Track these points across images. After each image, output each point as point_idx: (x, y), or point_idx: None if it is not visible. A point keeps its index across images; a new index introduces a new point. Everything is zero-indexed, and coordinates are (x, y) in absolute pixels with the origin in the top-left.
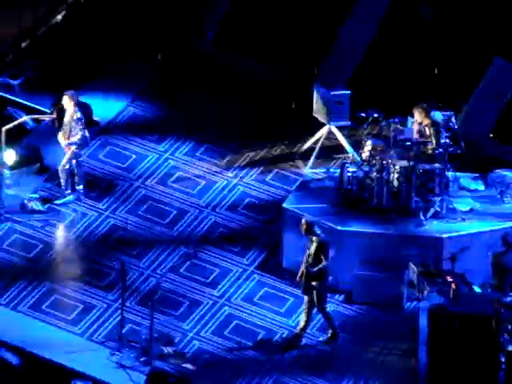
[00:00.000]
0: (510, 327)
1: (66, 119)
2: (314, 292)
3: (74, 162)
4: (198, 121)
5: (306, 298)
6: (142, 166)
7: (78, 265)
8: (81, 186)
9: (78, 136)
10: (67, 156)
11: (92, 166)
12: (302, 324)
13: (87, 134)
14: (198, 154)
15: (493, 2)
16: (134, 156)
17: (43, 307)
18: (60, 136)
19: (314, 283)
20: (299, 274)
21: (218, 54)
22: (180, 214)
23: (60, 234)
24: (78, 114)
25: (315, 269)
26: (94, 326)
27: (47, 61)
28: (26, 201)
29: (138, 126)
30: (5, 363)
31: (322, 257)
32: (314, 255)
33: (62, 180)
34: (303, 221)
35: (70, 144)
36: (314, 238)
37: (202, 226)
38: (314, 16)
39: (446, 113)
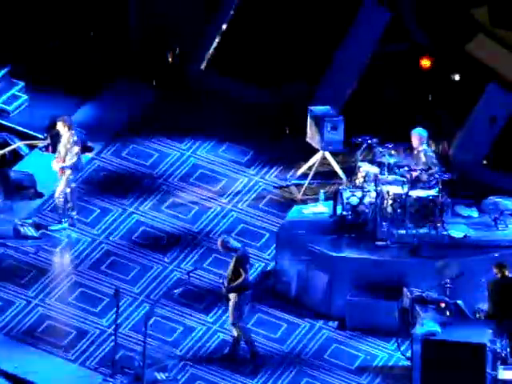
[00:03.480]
0: (503, 354)
1: (62, 143)
2: (230, 305)
3: (67, 189)
4: (192, 145)
5: None
6: (135, 190)
7: (71, 290)
8: (74, 212)
9: (74, 160)
10: (63, 183)
11: (85, 191)
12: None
13: (82, 158)
14: (191, 180)
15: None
16: (128, 180)
17: (36, 333)
18: (54, 161)
19: (231, 297)
20: (223, 291)
21: (212, 78)
22: (173, 239)
23: (53, 260)
24: (75, 138)
25: (234, 284)
26: (88, 352)
27: (41, 84)
28: (19, 226)
29: (131, 155)
30: None
31: (242, 271)
32: (234, 270)
33: (59, 207)
34: (219, 242)
35: (65, 168)
36: (234, 254)
37: (195, 251)
38: (310, 41)
39: (439, 139)
